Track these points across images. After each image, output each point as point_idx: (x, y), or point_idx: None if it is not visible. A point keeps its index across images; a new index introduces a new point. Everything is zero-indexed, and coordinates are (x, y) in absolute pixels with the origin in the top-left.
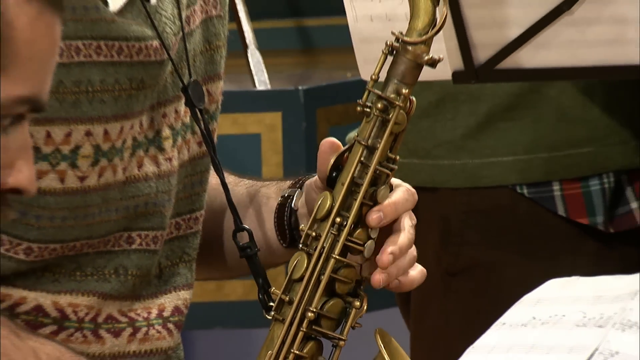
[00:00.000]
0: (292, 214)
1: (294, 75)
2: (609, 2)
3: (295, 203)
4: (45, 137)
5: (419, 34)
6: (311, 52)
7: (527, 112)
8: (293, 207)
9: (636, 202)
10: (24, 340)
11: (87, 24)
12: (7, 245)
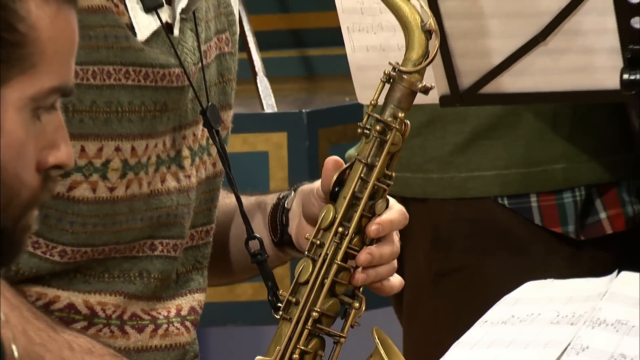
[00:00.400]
0: (284, 212)
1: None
2: (579, 34)
3: (289, 203)
4: (80, 151)
5: (414, 64)
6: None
7: (507, 132)
8: (286, 207)
9: (605, 212)
10: (59, 333)
11: (118, 51)
12: (43, 248)
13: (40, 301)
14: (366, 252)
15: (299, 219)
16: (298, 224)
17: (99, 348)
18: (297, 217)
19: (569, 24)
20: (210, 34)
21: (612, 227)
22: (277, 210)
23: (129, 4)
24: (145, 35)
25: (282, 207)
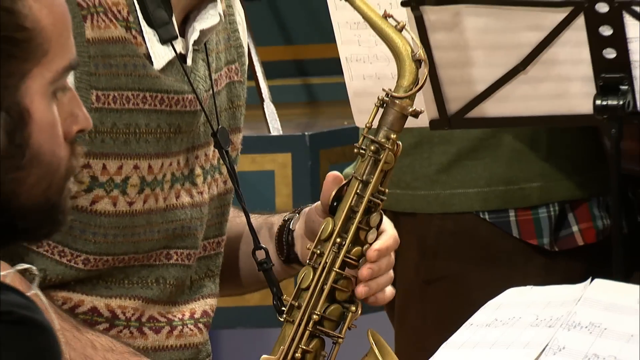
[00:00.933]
0: (289, 233)
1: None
2: (556, 64)
3: (293, 225)
4: (102, 169)
5: (405, 90)
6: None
7: (488, 153)
8: (291, 228)
9: (577, 226)
10: (83, 333)
11: (136, 78)
12: (68, 257)
13: (66, 305)
14: (367, 267)
15: (303, 239)
16: (303, 243)
17: (119, 347)
18: (302, 237)
19: (546, 55)
20: (220, 64)
21: (584, 239)
22: (283, 231)
23: (146, 36)
24: (161, 64)
25: (288, 228)
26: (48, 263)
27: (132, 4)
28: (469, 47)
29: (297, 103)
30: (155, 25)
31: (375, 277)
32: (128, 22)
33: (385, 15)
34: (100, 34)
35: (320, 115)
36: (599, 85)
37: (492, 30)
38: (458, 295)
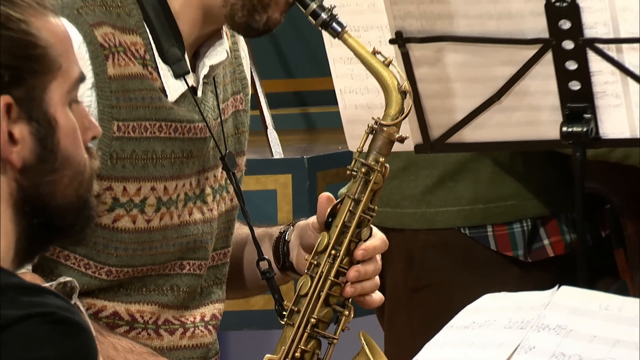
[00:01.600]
0: (285, 244)
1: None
2: (527, 95)
3: (288, 236)
4: (122, 191)
5: (392, 118)
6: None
7: (468, 175)
8: (286, 239)
9: (547, 239)
10: (105, 336)
11: (153, 110)
12: (93, 269)
13: (90, 310)
14: (355, 269)
15: (297, 249)
16: (297, 253)
17: (138, 348)
18: (296, 247)
19: (518, 87)
20: (227, 95)
21: (554, 251)
22: (279, 242)
23: (161, 71)
24: (174, 97)
25: (283, 239)
26: (75, 274)
27: (148, 43)
28: (450, 80)
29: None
30: (170, 61)
31: (361, 279)
32: (145, 59)
33: (374, 52)
34: (121, 71)
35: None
36: (565, 114)
37: (470, 65)
38: (441, 301)
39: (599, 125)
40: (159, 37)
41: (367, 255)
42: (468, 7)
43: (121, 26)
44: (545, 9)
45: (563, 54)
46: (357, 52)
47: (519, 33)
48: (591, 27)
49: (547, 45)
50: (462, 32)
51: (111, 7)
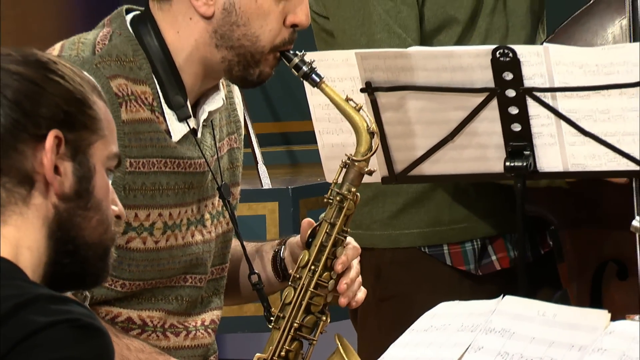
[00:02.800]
0: (281, 261)
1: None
2: (476, 135)
3: (283, 254)
4: (134, 217)
5: (362, 155)
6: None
7: (427, 202)
8: (281, 257)
9: (495, 255)
10: (120, 338)
11: (159, 149)
12: (109, 282)
13: (108, 316)
14: (343, 282)
15: (292, 263)
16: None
17: (148, 348)
18: (291, 262)
19: (469, 128)
20: (223, 135)
21: (500, 266)
22: (276, 260)
23: (167, 115)
24: (178, 137)
25: (280, 257)
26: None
27: (156, 92)
28: (411, 123)
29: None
30: (174, 107)
31: (349, 287)
32: (153, 106)
33: (347, 99)
34: (132, 116)
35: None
36: (508, 151)
37: (428, 110)
38: (404, 309)
39: (537, 161)
40: (165, 87)
41: (346, 265)
42: (426, 62)
43: (133, 78)
44: (491, 63)
45: (506, 100)
46: (333, 99)
47: (469, 83)
48: (530, 78)
49: (492, 94)
50: (422, 82)
51: (124, 62)
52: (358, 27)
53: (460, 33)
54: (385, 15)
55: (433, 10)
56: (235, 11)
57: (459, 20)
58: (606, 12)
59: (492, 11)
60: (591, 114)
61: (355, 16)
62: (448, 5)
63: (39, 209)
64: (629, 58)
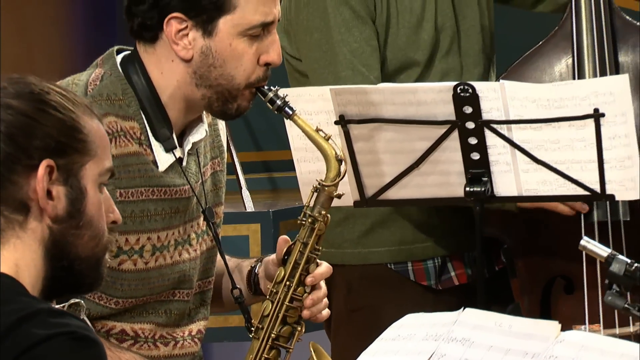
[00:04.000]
0: (255, 277)
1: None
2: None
3: (257, 270)
4: (125, 241)
5: (331, 180)
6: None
7: (393, 224)
8: (256, 272)
9: (454, 272)
10: (113, 351)
11: (147, 178)
12: (105, 300)
13: (103, 329)
14: (310, 298)
15: (264, 280)
16: (264, 282)
17: (140, 358)
18: (263, 278)
19: (432, 157)
20: (207, 161)
21: (459, 281)
22: (251, 275)
23: (154, 147)
24: (164, 167)
25: (254, 273)
26: (91, 304)
27: (144, 126)
28: (380, 152)
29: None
30: (161, 139)
31: (315, 304)
32: (140, 139)
33: (317, 129)
34: (121, 151)
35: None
36: (468, 178)
37: (396, 140)
38: (374, 320)
39: (494, 186)
40: (152, 121)
41: (316, 280)
42: (394, 97)
43: (122, 115)
44: (452, 97)
45: (466, 132)
46: (304, 130)
47: (433, 116)
48: (487, 111)
49: (454, 126)
50: (390, 115)
51: (114, 101)
52: (326, 66)
53: (419, 73)
54: (350, 55)
55: (394, 52)
56: (212, 54)
57: (418, 61)
58: (553, 52)
59: (447, 53)
60: (543, 143)
61: (323, 57)
62: (407, 48)
63: (35, 232)
64: (577, 93)
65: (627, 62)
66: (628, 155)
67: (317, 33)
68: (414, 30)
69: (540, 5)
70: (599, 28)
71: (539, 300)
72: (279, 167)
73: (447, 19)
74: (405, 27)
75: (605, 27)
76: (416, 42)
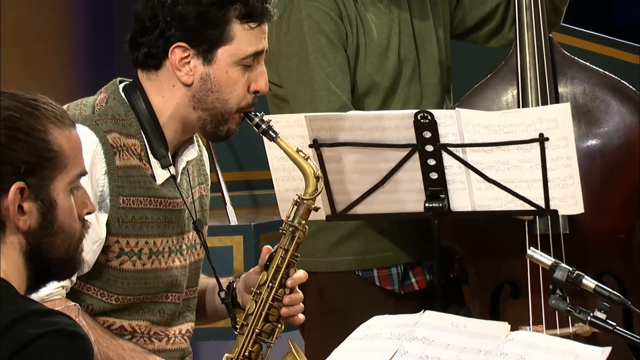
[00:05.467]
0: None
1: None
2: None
3: (236, 285)
4: (126, 244)
5: (310, 195)
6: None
7: (361, 235)
8: (234, 287)
9: (414, 278)
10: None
11: (145, 189)
12: (106, 297)
13: (105, 324)
14: (288, 297)
15: (242, 293)
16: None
17: (139, 349)
18: (241, 292)
19: (396, 176)
20: (195, 184)
21: (419, 286)
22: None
23: (152, 163)
24: (161, 181)
25: (233, 287)
26: (94, 300)
27: (143, 144)
28: (349, 172)
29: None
30: (158, 157)
31: (293, 304)
32: (140, 155)
33: (297, 151)
34: (124, 163)
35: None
36: (427, 195)
37: (363, 162)
38: (343, 321)
39: (450, 202)
40: (151, 140)
41: (295, 283)
42: (361, 123)
43: (125, 133)
44: (413, 123)
45: (425, 154)
46: (286, 150)
47: (396, 140)
48: (444, 136)
49: (414, 149)
50: (358, 139)
51: (118, 120)
52: (303, 87)
53: (383, 98)
54: (325, 77)
55: (362, 77)
56: (210, 80)
57: (382, 86)
58: (500, 84)
59: (409, 81)
60: (494, 164)
61: (301, 79)
62: (374, 74)
63: (13, 243)
64: (524, 120)
65: (566, 92)
66: (569, 175)
67: (296, 58)
68: (379, 59)
69: (492, 41)
70: (541, 62)
71: (488, 304)
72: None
73: (409, 51)
74: (372, 56)
75: (546, 62)
76: (382, 70)
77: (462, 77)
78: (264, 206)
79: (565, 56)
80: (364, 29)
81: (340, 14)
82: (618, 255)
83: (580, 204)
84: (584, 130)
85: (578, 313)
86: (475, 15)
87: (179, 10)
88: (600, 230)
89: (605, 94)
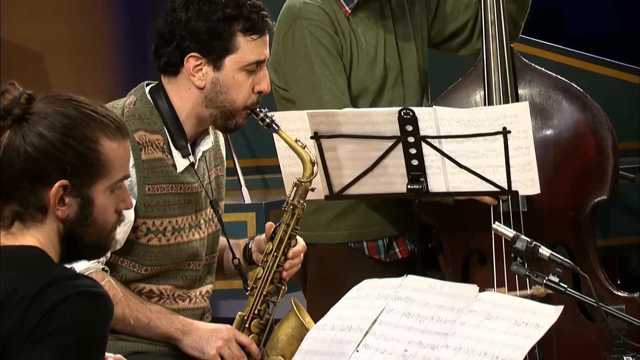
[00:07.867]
0: (249, 250)
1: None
2: (388, 167)
3: (251, 246)
4: (152, 224)
5: (307, 177)
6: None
7: (353, 213)
8: (249, 247)
9: (398, 248)
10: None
11: (168, 177)
12: (137, 267)
13: (136, 289)
14: (288, 263)
15: (256, 253)
16: (256, 255)
17: (164, 310)
18: (255, 252)
19: (383, 163)
20: (211, 166)
21: (402, 255)
22: (246, 249)
23: (174, 154)
24: (181, 169)
25: (248, 248)
26: (127, 271)
27: (166, 139)
28: (344, 159)
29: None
30: (178, 148)
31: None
32: (163, 148)
33: (296, 140)
34: (149, 156)
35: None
36: (409, 178)
37: (356, 150)
38: (339, 284)
39: (428, 185)
40: (172, 134)
41: (295, 255)
42: (354, 118)
43: (150, 129)
44: (398, 119)
45: (408, 144)
46: (286, 140)
47: (383, 132)
48: (424, 129)
49: (398, 140)
50: (351, 132)
51: (144, 119)
52: (310, 92)
53: (372, 99)
54: (329, 83)
55: (355, 83)
56: (220, 83)
57: (371, 90)
58: (470, 87)
59: (394, 85)
60: (465, 153)
61: (308, 86)
62: (365, 80)
63: (52, 225)
64: (490, 116)
65: (525, 93)
66: (528, 162)
67: (302, 68)
68: (369, 67)
69: (462, 51)
70: (504, 68)
71: (460, 270)
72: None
73: (393, 60)
74: (362, 64)
75: (508, 67)
76: (371, 76)
77: (438, 80)
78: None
79: (524, 63)
80: (356, 41)
81: (336, 30)
82: (568, 229)
83: (537, 186)
84: (539, 124)
85: (535, 277)
86: (449, 28)
87: (192, 25)
88: (554, 207)
89: (558, 94)
